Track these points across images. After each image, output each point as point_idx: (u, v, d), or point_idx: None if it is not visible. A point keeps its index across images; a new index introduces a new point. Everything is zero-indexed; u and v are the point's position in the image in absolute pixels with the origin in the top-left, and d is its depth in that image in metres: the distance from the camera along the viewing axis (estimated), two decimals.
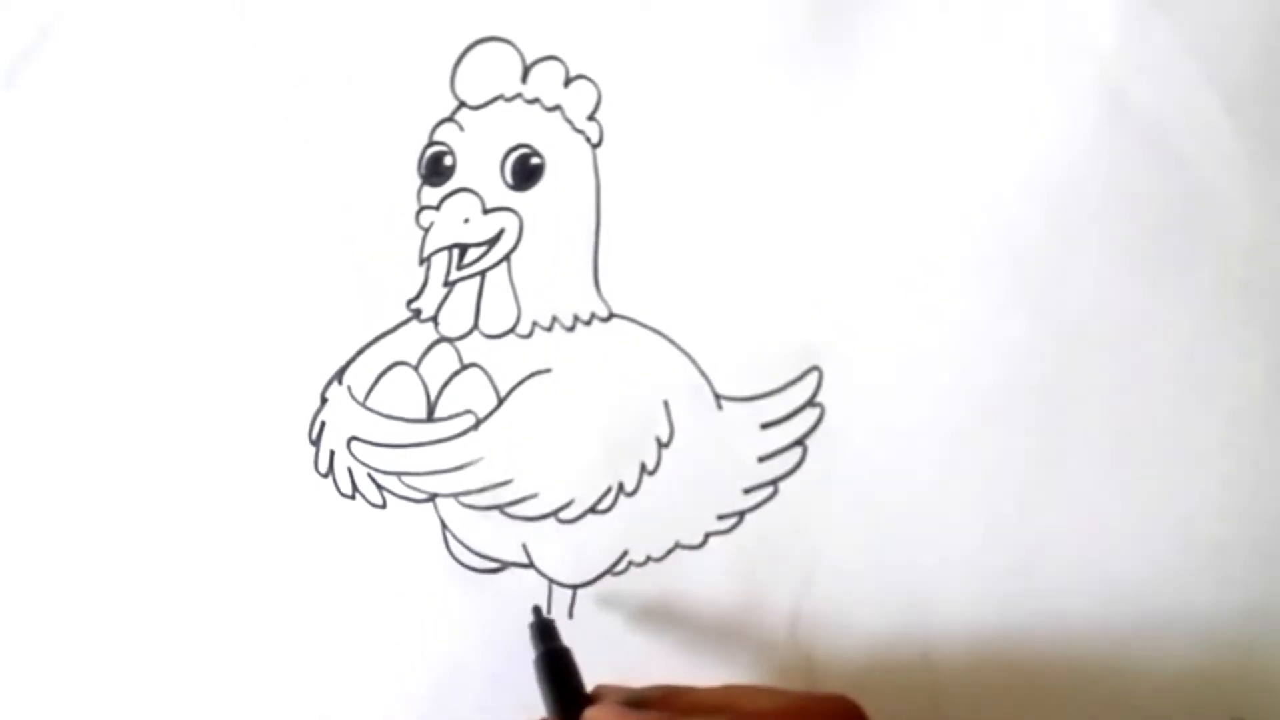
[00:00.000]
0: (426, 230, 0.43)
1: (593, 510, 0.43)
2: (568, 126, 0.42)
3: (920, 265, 0.42)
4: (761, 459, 0.43)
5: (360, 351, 0.43)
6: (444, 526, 0.43)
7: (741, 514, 0.43)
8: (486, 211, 0.42)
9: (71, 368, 0.43)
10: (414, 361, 0.43)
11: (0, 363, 0.43)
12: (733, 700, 0.38)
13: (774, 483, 0.43)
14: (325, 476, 0.43)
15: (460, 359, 0.43)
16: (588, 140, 0.42)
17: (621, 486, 0.43)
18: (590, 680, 0.40)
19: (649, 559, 0.44)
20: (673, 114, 0.42)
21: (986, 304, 0.42)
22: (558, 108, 0.42)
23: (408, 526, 0.43)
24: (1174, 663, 0.43)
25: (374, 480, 0.43)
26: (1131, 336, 0.42)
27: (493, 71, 0.42)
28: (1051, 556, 0.43)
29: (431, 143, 0.43)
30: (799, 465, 0.43)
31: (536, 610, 0.43)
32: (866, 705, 0.37)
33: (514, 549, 0.44)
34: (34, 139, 0.43)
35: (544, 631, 0.41)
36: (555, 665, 0.40)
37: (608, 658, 0.43)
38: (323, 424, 0.43)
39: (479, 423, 0.43)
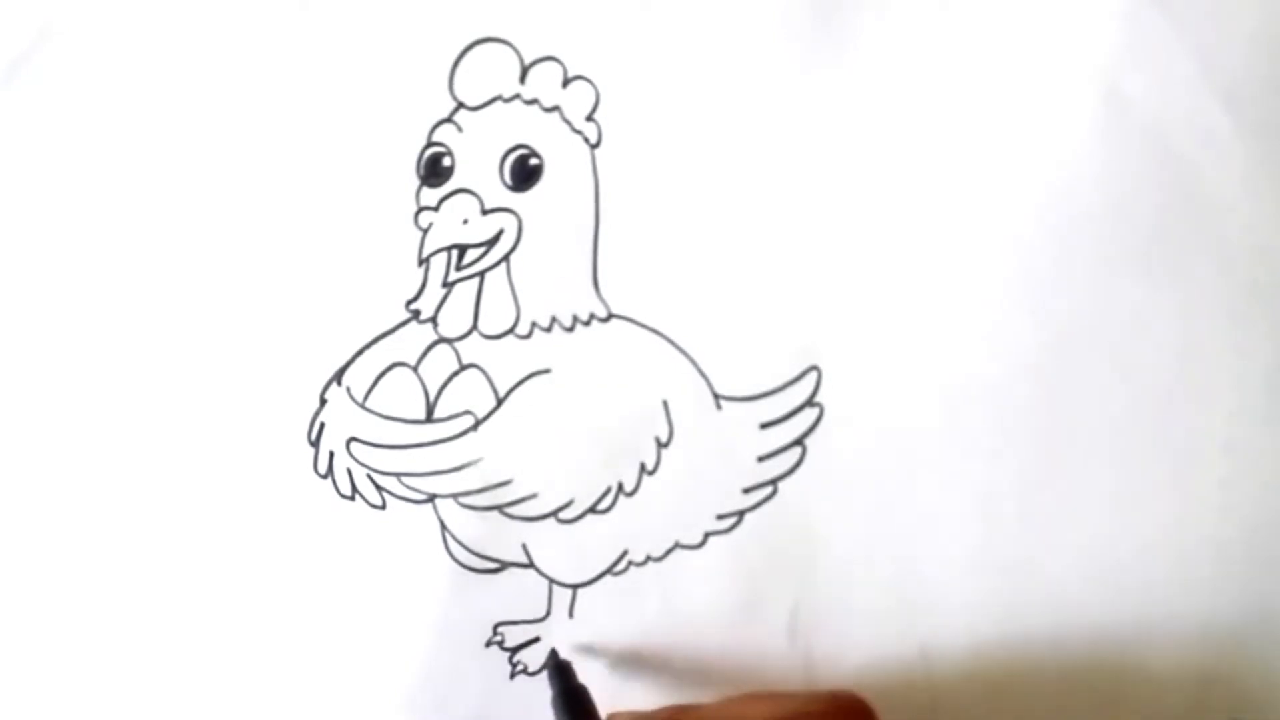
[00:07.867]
0: (425, 231, 0.43)
1: (592, 510, 0.43)
2: (566, 127, 0.42)
3: (920, 265, 0.42)
4: (761, 459, 0.43)
5: (359, 352, 0.43)
6: (444, 527, 0.43)
7: (741, 514, 0.43)
8: (485, 212, 0.42)
9: (69, 368, 0.43)
10: (413, 362, 0.43)
11: None
12: (739, 712, 0.39)
13: (774, 482, 0.43)
14: (324, 478, 0.43)
15: (459, 360, 0.43)
16: (586, 141, 0.42)
17: (621, 486, 0.43)
18: (593, 687, 0.40)
19: (649, 559, 0.44)
20: (672, 114, 0.42)
21: (986, 304, 0.42)
22: (556, 108, 0.42)
23: (407, 527, 0.43)
24: (1173, 663, 0.43)
25: (373, 481, 0.43)
26: (1131, 336, 0.42)
27: (491, 72, 0.42)
28: (1051, 556, 0.43)
29: (430, 144, 0.42)
30: (799, 465, 0.43)
31: (554, 652, 0.44)
32: None
33: (514, 549, 0.44)
34: (34, 139, 0.43)
35: (561, 672, 0.42)
36: (573, 703, 0.41)
37: (608, 657, 0.44)
38: (322, 425, 0.43)
39: (478, 423, 0.43)
